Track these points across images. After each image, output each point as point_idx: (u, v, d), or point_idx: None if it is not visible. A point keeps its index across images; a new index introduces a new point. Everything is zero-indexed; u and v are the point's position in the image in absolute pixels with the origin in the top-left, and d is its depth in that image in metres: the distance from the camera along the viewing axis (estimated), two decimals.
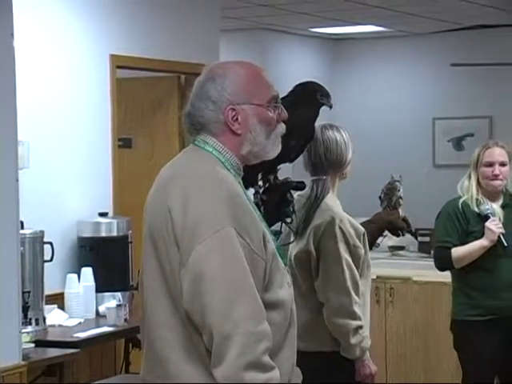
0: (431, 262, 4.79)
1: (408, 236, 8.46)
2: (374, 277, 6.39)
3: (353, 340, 3.49)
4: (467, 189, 4.55)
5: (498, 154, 4.52)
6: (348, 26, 9.19)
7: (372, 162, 9.21)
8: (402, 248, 8.21)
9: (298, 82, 3.21)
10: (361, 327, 3.52)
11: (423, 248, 7.47)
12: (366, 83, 10.20)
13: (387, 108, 10.04)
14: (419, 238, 7.87)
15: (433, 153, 9.87)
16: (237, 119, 2.39)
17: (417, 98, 9.94)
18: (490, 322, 4.45)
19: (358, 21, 8.92)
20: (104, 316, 5.14)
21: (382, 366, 6.29)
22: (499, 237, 4.42)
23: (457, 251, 4.48)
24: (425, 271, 6.11)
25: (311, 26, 9.30)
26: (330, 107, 3.15)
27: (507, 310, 4.46)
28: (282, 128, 2.47)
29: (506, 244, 4.42)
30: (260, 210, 2.46)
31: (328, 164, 3.58)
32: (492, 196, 4.55)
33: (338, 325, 3.50)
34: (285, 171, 3.03)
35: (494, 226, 4.42)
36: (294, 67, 9.49)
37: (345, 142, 3.60)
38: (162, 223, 2.31)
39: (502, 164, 4.51)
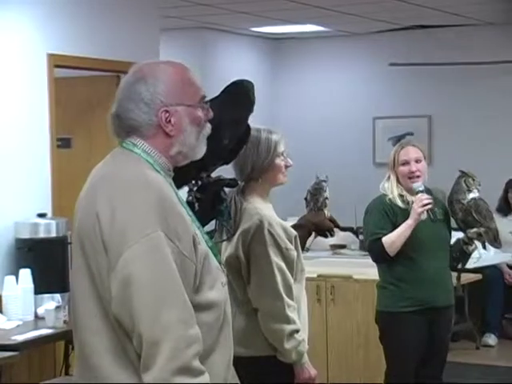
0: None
1: (349, 234, 8.53)
2: (315, 275, 6.42)
3: (287, 345, 3.45)
4: (387, 188, 4.73)
5: (412, 151, 4.71)
6: (288, 25, 9.22)
7: (312, 161, 9.23)
8: (343, 246, 8.26)
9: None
10: (296, 331, 3.47)
11: (364, 246, 7.52)
12: (305, 83, 10.24)
13: (327, 107, 10.09)
14: (360, 237, 7.92)
15: (373, 151, 9.95)
16: (170, 121, 2.37)
17: (357, 98, 10.00)
18: (417, 312, 4.64)
19: (298, 20, 8.95)
20: (43, 318, 5.08)
21: (323, 365, 6.31)
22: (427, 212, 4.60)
23: (387, 238, 4.62)
24: (366, 269, 6.15)
25: (252, 25, 9.31)
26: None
27: (432, 301, 4.66)
28: (208, 128, 2.45)
29: (432, 217, 4.63)
30: (194, 209, 2.44)
31: (240, 169, 3.51)
32: (413, 192, 4.69)
33: (272, 330, 3.46)
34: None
35: (417, 204, 4.55)
36: (234, 66, 9.49)
37: (259, 144, 3.48)
38: (89, 227, 2.29)
39: (418, 160, 4.69)
